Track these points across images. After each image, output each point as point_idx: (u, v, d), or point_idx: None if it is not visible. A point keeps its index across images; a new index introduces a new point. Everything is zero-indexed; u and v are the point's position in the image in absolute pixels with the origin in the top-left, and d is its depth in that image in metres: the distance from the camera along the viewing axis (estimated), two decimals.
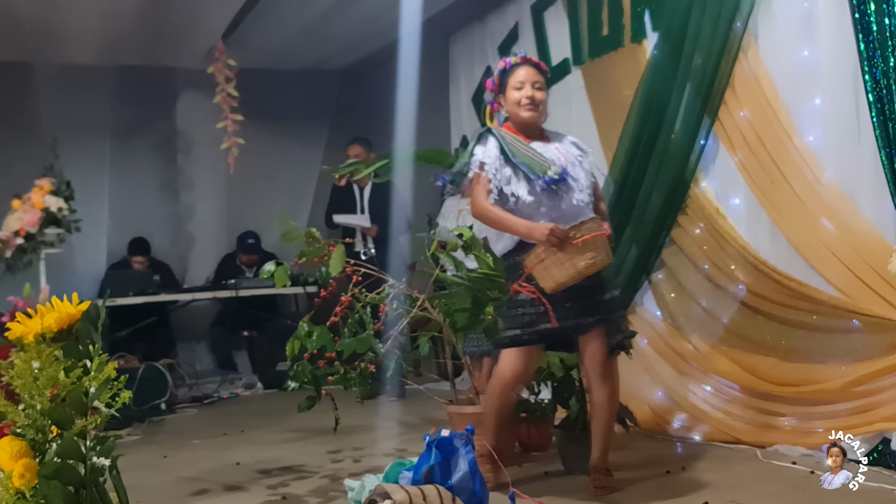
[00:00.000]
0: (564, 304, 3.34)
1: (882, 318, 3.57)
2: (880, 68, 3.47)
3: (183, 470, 4.31)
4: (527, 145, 3.49)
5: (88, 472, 2.02)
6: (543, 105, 3.56)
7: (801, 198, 3.91)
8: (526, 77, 3.53)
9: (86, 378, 1.99)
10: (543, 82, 3.57)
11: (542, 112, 3.56)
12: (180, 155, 8.01)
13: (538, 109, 3.53)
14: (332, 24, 6.86)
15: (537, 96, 3.52)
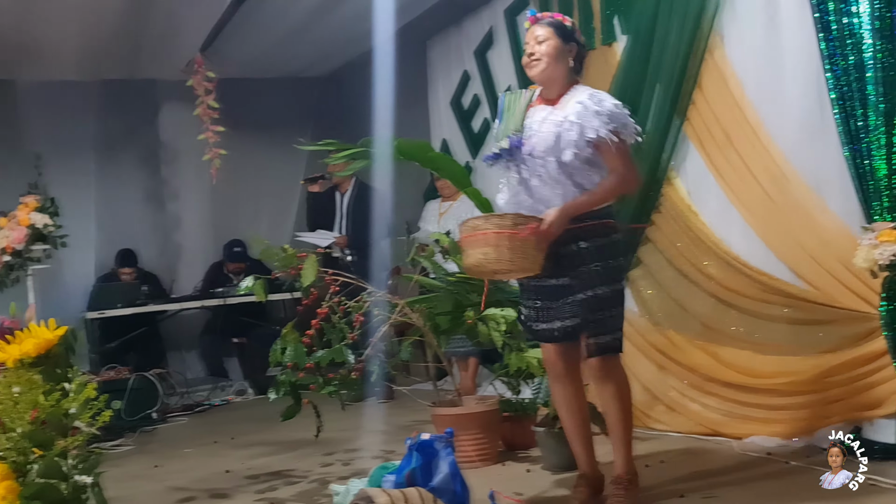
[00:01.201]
0: (535, 304, 3.26)
1: (851, 310, 3.66)
2: (841, 66, 3.56)
3: (173, 479, 4.37)
4: (521, 108, 3.23)
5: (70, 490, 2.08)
6: (548, 56, 3.14)
7: (770, 194, 4.00)
8: (528, 36, 3.24)
9: (65, 400, 2.06)
10: (550, 32, 3.17)
11: (549, 64, 3.15)
12: (164, 166, 8.07)
13: (540, 63, 3.16)
14: (310, 33, 6.92)
15: (537, 50, 3.16)
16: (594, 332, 3.14)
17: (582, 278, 3.13)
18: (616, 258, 3.18)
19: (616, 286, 3.18)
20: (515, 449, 4.32)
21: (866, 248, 3.39)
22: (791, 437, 3.88)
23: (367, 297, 3.93)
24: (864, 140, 3.47)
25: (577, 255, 3.14)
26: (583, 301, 3.14)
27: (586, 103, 3.08)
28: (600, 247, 3.13)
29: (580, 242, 3.13)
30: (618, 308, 3.19)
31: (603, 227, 3.16)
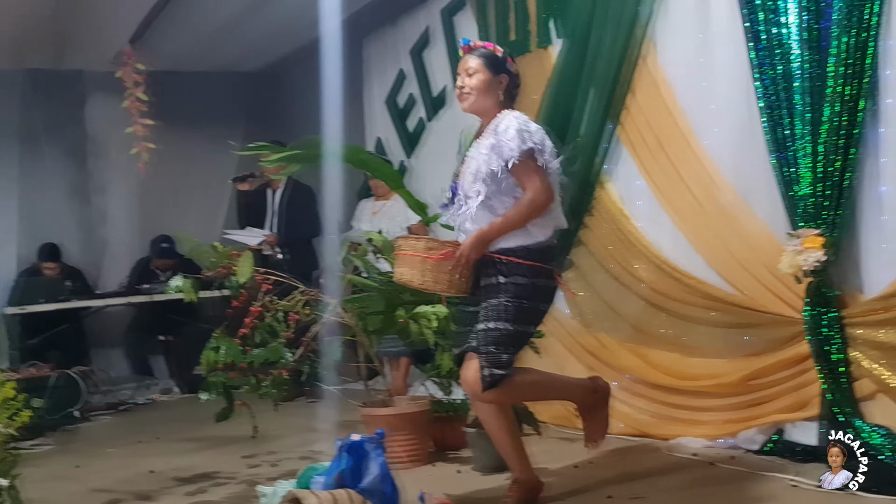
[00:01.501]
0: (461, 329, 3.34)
1: (775, 315, 3.73)
2: (769, 75, 3.63)
3: (95, 480, 4.26)
4: (466, 150, 3.33)
5: None
6: (477, 90, 3.20)
7: (699, 200, 4.06)
8: (460, 66, 3.28)
9: None
10: (479, 65, 3.21)
11: (477, 98, 3.21)
12: (91, 159, 7.89)
13: (469, 97, 3.22)
14: (244, 27, 6.82)
15: (467, 83, 3.21)
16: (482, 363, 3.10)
17: (488, 311, 3.12)
18: (531, 301, 3.14)
19: (520, 326, 3.12)
20: (446, 449, 4.32)
21: (791, 254, 3.47)
22: (716, 439, 3.96)
23: (298, 296, 3.88)
24: (790, 148, 3.54)
25: (494, 287, 3.14)
26: (480, 332, 3.12)
27: (496, 132, 3.12)
28: (518, 285, 3.11)
29: (499, 277, 3.13)
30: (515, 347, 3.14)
31: (528, 268, 3.13)
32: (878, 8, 3.27)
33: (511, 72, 3.26)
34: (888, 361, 3.28)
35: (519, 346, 3.19)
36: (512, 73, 3.26)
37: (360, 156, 4.24)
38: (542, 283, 3.17)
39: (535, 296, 3.15)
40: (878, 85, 3.34)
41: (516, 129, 3.09)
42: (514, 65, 3.29)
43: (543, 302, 3.21)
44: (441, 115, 6.13)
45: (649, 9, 4.27)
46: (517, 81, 3.30)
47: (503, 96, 3.23)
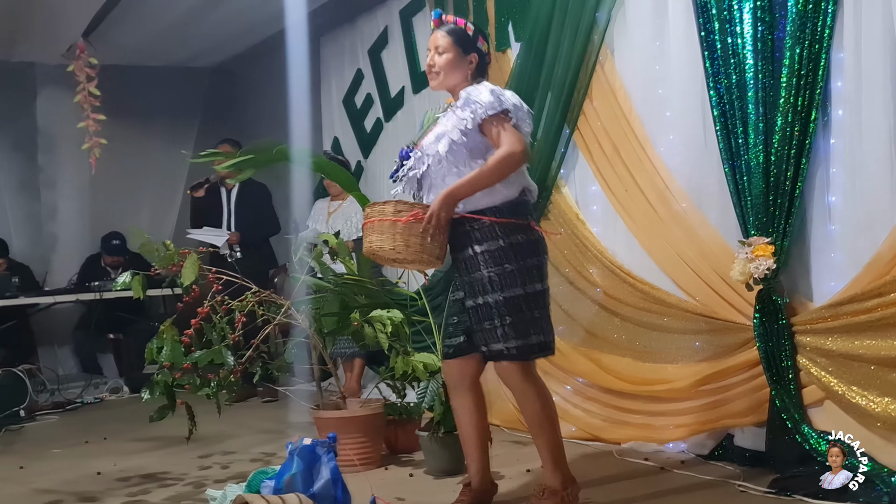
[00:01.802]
0: (451, 321, 3.23)
1: (726, 321, 3.77)
2: (724, 84, 3.66)
3: (39, 481, 4.18)
4: (433, 119, 3.26)
5: None
6: (445, 69, 3.15)
7: (653, 205, 4.09)
8: (430, 42, 3.22)
9: None
10: (449, 43, 3.15)
11: (446, 76, 3.16)
12: (41, 153, 7.75)
13: (438, 76, 3.18)
14: (200, 22, 6.76)
15: (436, 62, 3.17)
16: (483, 341, 3.07)
17: (473, 286, 3.06)
18: (516, 261, 3.02)
19: (511, 292, 3.00)
20: (398, 452, 4.31)
21: (742, 261, 3.51)
22: (666, 443, 3.99)
23: (250, 297, 3.84)
24: (743, 157, 3.57)
25: (472, 260, 3.06)
26: (470, 309, 3.08)
27: (471, 91, 3.07)
28: (494, 251, 3.02)
29: (474, 246, 3.05)
30: (516, 315, 3.01)
31: (501, 227, 3.03)
32: (830, 21, 3.32)
33: (481, 50, 3.22)
34: (836, 369, 3.33)
35: (530, 308, 3.04)
36: (482, 52, 3.22)
37: (316, 159, 4.21)
38: (520, 239, 3.06)
39: (518, 255, 3.04)
40: (829, 96, 3.39)
41: (489, 90, 3.05)
42: (484, 43, 3.25)
43: (530, 257, 3.07)
44: (398, 116, 6.11)
45: (607, 15, 4.29)
46: (487, 59, 3.26)
47: (472, 75, 3.18)
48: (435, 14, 3.29)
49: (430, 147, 3.10)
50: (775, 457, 3.46)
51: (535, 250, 3.10)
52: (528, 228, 3.10)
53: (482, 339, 3.07)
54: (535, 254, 3.10)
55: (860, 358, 3.23)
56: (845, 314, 3.27)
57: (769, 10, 3.46)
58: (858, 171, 3.32)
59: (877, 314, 3.15)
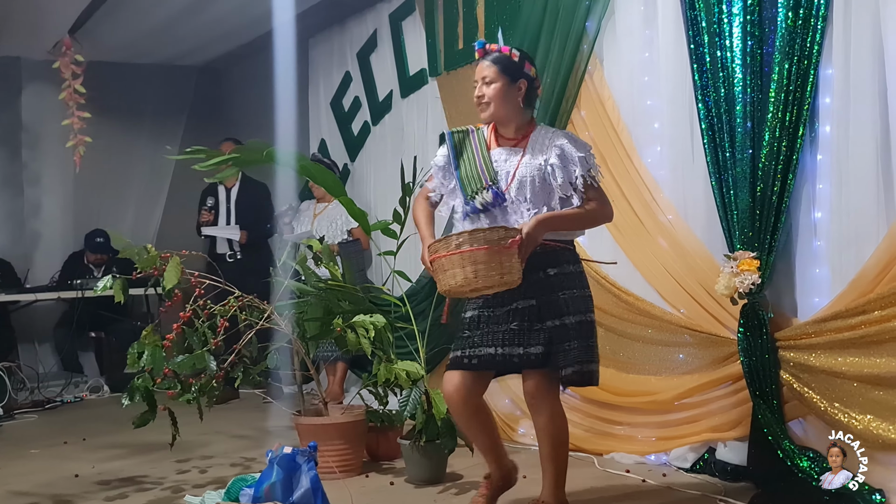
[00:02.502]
0: (510, 326, 3.10)
1: (710, 335, 3.77)
2: (712, 98, 3.66)
3: (15, 483, 4.14)
4: (482, 153, 3.17)
5: None
6: (495, 100, 3.12)
7: (640, 217, 4.08)
8: (477, 73, 3.18)
9: None
10: (495, 72, 3.12)
11: (497, 108, 3.13)
12: (25, 149, 7.66)
13: (489, 107, 3.14)
14: (189, 20, 6.70)
15: (485, 93, 3.13)
16: (558, 362, 3.05)
17: (556, 303, 3.07)
18: (580, 289, 3.14)
19: (587, 316, 3.13)
20: (380, 459, 4.29)
21: (727, 275, 3.50)
22: (648, 455, 3.98)
23: (233, 301, 3.80)
24: (730, 171, 3.57)
25: (571, 276, 3.13)
26: (551, 329, 3.07)
27: (566, 148, 3.06)
28: (582, 273, 3.17)
29: (572, 265, 3.15)
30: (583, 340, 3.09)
31: (572, 254, 3.16)
32: (819, 37, 3.33)
33: (529, 76, 3.18)
34: (818, 385, 3.33)
35: (590, 336, 3.14)
36: (530, 77, 3.18)
37: (302, 161, 4.18)
38: (581, 268, 3.22)
39: (581, 283, 3.18)
40: (816, 112, 3.40)
41: (582, 150, 3.08)
42: (531, 68, 3.20)
43: (587, 287, 3.21)
44: (385, 120, 6.09)
45: (597, 25, 4.28)
46: (536, 84, 3.23)
47: (523, 102, 3.16)
48: (478, 44, 3.21)
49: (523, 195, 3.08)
50: (757, 472, 3.46)
51: (586, 280, 3.23)
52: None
53: (559, 360, 3.06)
54: (587, 284, 3.23)
55: (843, 375, 3.23)
56: (829, 330, 3.28)
57: (759, 24, 3.47)
58: (845, 188, 3.32)
59: (860, 331, 3.15)
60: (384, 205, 5.91)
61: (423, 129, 5.63)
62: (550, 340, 3.05)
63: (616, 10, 4.23)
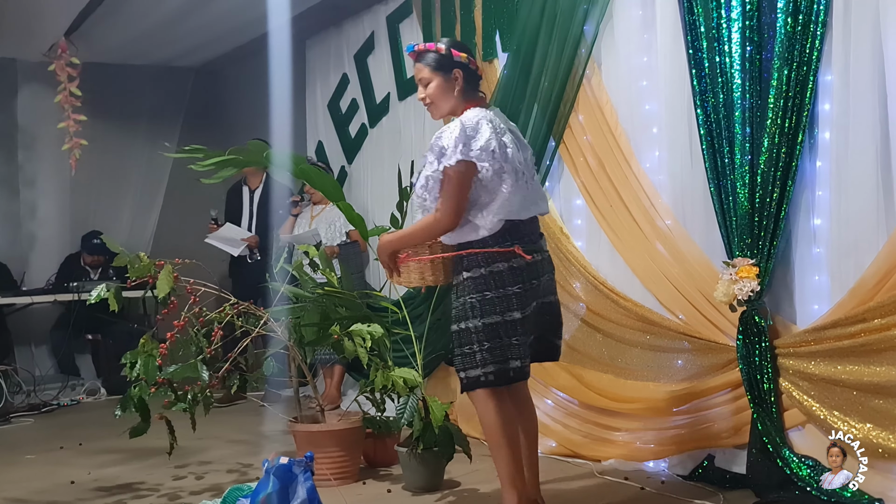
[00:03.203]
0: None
1: (709, 341, 3.75)
2: (711, 103, 3.64)
3: (10, 490, 4.12)
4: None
5: None
6: (435, 97, 3.20)
7: (638, 222, 4.06)
8: (416, 76, 3.26)
9: None
10: (429, 72, 3.19)
11: (440, 105, 3.22)
12: (21, 151, 7.63)
13: (433, 107, 3.24)
14: (185, 21, 6.67)
15: (426, 94, 3.22)
16: (462, 366, 3.12)
17: (457, 311, 3.13)
18: (496, 289, 3.06)
19: (490, 318, 3.05)
20: (377, 466, 4.27)
21: (726, 282, 3.48)
22: (647, 462, 3.97)
23: (228, 308, 3.78)
24: (728, 177, 3.55)
25: (461, 285, 3.13)
26: (453, 333, 3.15)
27: (438, 134, 3.09)
28: (477, 278, 3.08)
29: (463, 273, 3.13)
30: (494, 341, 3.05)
31: (483, 257, 3.09)
32: (819, 43, 3.30)
33: (462, 63, 3.19)
34: (818, 393, 3.31)
35: (497, 337, 3.06)
36: (464, 64, 3.19)
37: (300, 164, 4.16)
38: (501, 267, 3.09)
39: (497, 283, 3.07)
40: (816, 119, 3.38)
41: (457, 134, 3.03)
42: (462, 54, 3.20)
43: (511, 285, 3.08)
44: (383, 122, 6.06)
45: (595, 29, 4.25)
46: (472, 68, 3.22)
47: (462, 91, 3.19)
48: (408, 49, 3.28)
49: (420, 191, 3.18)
50: (756, 480, 3.44)
51: (516, 278, 3.10)
52: (512, 255, 3.10)
53: (461, 363, 3.11)
54: (515, 281, 3.09)
55: (842, 383, 3.21)
56: (828, 338, 3.26)
57: (758, 30, 3.44)
58: (844, 195, 3.30)
59: (860, 340, 3.13)
60: (381, 208, 5.89)
61: (420, 132, 5.61)
62: (454, 345, 3.17)
63: (614, 13, 4.21)
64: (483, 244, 3.11)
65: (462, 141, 3.03)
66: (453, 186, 3.05)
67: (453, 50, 3.20)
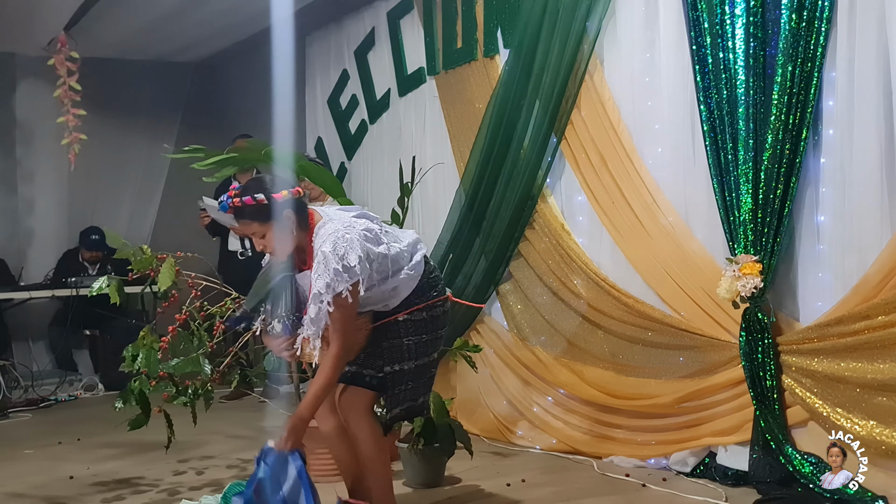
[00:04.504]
0: None
1: (711, 338, 3.74)
2: (714, 99, 3.63)
3: (8, 484, 4.10)
4: None
5: None
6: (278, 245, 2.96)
7: (640, 218, 4.05)
8: (245, 231, 3.01)
9: None
10: (258, 225, 2.93)
11: (281, 248, 2.97)
12: (19, 146, 7.60)
13: (277, 252, 2.99)
14: (184, 17, 6.65)
15: (265, 246, 2.98)
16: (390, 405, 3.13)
17: (392, 352, 3.07)
18: (432, 332, 3.11)
19: (423, 360, 3.10)
20: None
21: (729, 279, 3.48)
22: (648, 459, 3.96)
23: (229, 303, 3.76)
24: (732, 173, 3.54)
25: (393, 326, 3.08)
26: (388, 374, 3.08)
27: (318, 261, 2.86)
28: (417, 321, 3.08)
29: (399, 316, 3.08)
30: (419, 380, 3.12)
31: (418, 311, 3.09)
32: (823, 39, 3.29)
33: (288, 200, 2.92)
34: (821, 390, 3.30)
35: (430, 373, 3.18)
36: (290, 200, 2.93)
37: (301, 162, 4.14)
38: (438, 312, 3.15)
39: (434, 327, 3.13)
40: (820, 115, 3.37)
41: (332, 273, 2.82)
42: (282, 192, 2.91)
43: (441, 328, 3.17)
44: (383, 118, 6.04)
45: (597, 25, 4.24)
46: (296, 194, 2.96)
47: (297, 223, 2.94)
48: (222, 208, 2.96)
49: None
50: (758, 477, 3.43)
51: (444, 321, 3.19)
52: (445, 301, 3.18)
53: (390, 402, 3.11)
54: (444, 324, 3.19)
55: (846, 380, 3.20)
56: (832, 335, 3.25)
57: (762, 26, 3.44)
58: (848, 192, 3.29)
59: (864, 337, 3.13)
60: (381, 204, 5.85)
61: (420, 128, 5.59)
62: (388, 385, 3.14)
63: (617, 10, 4.19)
64: (422, 293, 3.09)
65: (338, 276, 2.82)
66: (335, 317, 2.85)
67: (265, 189, 2.91)
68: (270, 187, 2.92)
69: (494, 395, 4.83)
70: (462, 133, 5.13)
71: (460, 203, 5.05)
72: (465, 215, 4.99)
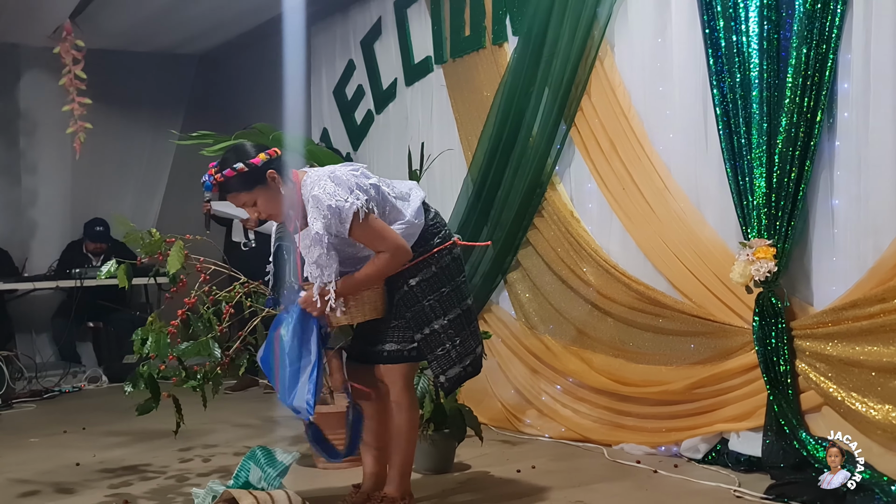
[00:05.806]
0: None
1: (723, 324, 3.72)
2: (727, 83, 3.60)
3: (15, 471, 4.08)
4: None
5: None
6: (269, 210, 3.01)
7: (651, 204, 4.02)
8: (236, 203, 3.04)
9: None
10: (245, 194, 2.98)
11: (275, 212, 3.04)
12: (23, 137, 7.57)
13: (272, 218, 3.08)
14: (189, 8, 6.63)
15: (258, 214, 3.02)
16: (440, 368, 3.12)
17: (417, 318, 3.08)
18: (450, 283, 3.11)
19: (454, 313, 3.10)
20: None
21: (743, 263, 3.45)
22: (659, 446, 3.94)
23: (238, 287, 3.74)
24: (745, 158, 3.52)
25: (409, 294, 3.08)
26: (419, 341, 3.09)
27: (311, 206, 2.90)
28: (429, 279, 3.08)
29: (409, 281, 3.07)
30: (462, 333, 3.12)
31: (429, 259, 3.08)
32: (839, 21, 3.26)
33: (267, 162, 2.96)
34: (835, 375, 3.28)
35: (464, 329, 3.14)
36: (269, 161, 2.97)
37: (310, 147, 4.12)
38: (447, 261, 3.12)
39: (449, 277, 3.11)
40: (835, 98, 3.34)
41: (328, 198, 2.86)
42: (259, 155, 2.96)
43: (458, 275, 3.15)
44: (389, 108, 6.01)
45: (608, 10, 4.21)
46: (274, 158, 2.99)
47: (282, 184, 2.98)
48: (206, 187, 3.01)
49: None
50: (771, 462, 3.41)
51: (460, 267, 3.18)
52: (452, 246, 3.16)
53: (438, 366, 3.11)
54: (460, 270, 3.18)
55: (860, 364, 3.18)
56: (846, 319, 3.22)
57: (776, 8, 3.41)
58: (863, 175, 3.26)
59: (879, 320, 3.10)
60: None
61: (427, 118, 5.56)
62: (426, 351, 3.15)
63: None
64: (425, 242, 3.08)
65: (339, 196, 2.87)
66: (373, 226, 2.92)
67: (250, 158, 2.96)
68: (247, 154, 2.97)
69: (502, 384, 4.80)
70: (470, 122, 5.10)
71: (468, 192, 5.02)
72: (472, 204, 4.96)
